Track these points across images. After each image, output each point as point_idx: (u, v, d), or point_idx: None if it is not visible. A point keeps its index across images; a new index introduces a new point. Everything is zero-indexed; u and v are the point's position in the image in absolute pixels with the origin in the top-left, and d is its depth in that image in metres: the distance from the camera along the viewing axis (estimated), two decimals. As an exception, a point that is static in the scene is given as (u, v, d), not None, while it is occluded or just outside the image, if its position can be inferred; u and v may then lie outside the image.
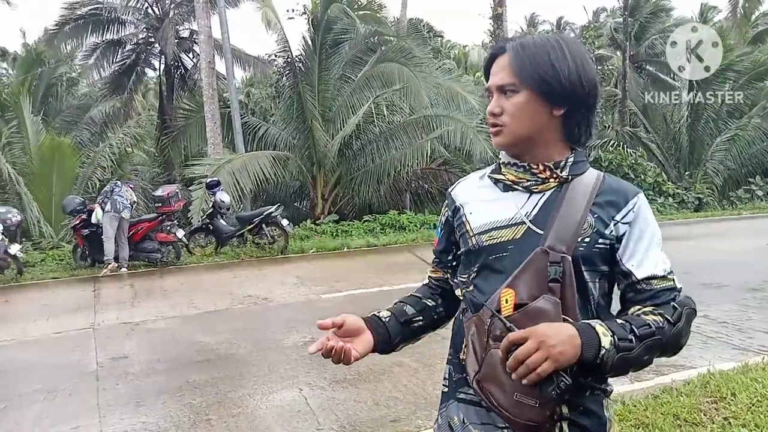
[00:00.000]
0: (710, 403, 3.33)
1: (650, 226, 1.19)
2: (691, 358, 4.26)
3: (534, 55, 1.17)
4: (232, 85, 13.12)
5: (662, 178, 15.22)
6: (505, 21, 13.98)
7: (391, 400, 3.75)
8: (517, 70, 1.17)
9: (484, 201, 1.26)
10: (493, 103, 1.21)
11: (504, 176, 1.24)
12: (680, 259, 9.12)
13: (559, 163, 1.20)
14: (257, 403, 3.83)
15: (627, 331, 1.09)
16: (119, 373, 4.53)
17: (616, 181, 1.23)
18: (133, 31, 18.10)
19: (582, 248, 1.15)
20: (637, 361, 1.09)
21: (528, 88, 1.17)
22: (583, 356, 1.04)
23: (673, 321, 1.12)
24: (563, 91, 1.16)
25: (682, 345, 1.15)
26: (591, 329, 1.07)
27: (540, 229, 1.17)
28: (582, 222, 1.15)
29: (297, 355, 4.77)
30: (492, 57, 1.24)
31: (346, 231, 11.98)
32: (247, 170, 11.53)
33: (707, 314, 5.31)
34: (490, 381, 1.12)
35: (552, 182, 1.20)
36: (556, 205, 1.18)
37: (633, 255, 1.17)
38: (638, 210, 1.18)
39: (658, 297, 1.16)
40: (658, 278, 1.17)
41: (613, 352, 1.06)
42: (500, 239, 1.19)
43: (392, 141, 13.10)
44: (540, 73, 1.15)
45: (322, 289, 7.24)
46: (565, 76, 1.16)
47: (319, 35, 12.69)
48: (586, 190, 1.19)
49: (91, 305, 6.98)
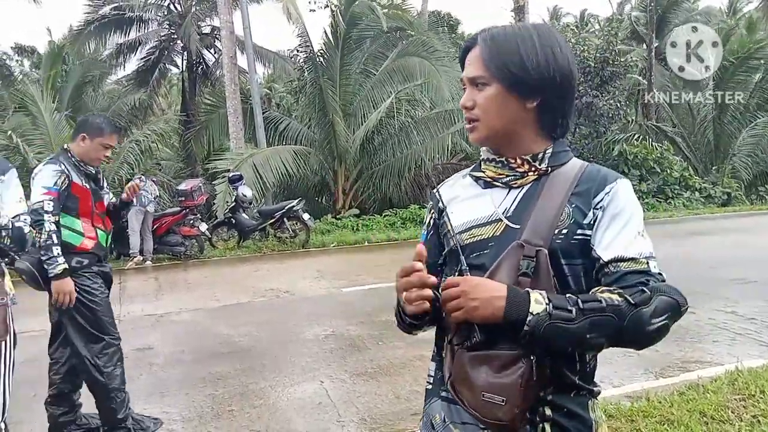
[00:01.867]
0: (738, 400, 3.26)
1: (626, 210, 1.13)
2: (719, 355, 4.18)
3: (502, 47, 1.15)
4: (254, 81, 13.20)
5: (689, 172, 14.93)
6: (527, 13, 13.84)
7: (412, 394, 3.75)
8: (486, 62, 1.15)
9: (465, 199, 1.24)
10: (465, 96, 1.19)
11: (484, 173, 1.23)
12: (707, 254, 8.92)
13: (537, 156, 1.19)
14: (279, 395, 3.86)
15: (569, 303, 1.04)
16: (144, 364, 4.60)
17: (597, 169, 1.19)
18: (156, 28, 18.33)
19: (559, 240, 1.12)
20: (579, 336, 1.03)
21: (497, 81, 1.15)
22: (505, 318, 1.04)
23: (635, 303, 1.03)
24: (533, 83, 1.14)
25: (648, 335, 1.05)
26: (524, 295, 1.05)
27: (517, 224, 1.15)
28: (559, 213, 1.13)
29: (318, 347, 4.80)
30: (466, 48, 1.22)
31: (367, 225, 12.00)
32: (269, 165, 11.61)
33: (735, 310, 5.21)
34: (460, 381, 1.12)
35: (531, 175, 1.18)
36: (534, 198, 1.16)
37: (602, 239, 1.12)
38: (614, 194, 1.13)
39: (625, 279, 1.08)
40: (626, 260, 1.09)
41: (544, 318, 1.02)
42: (480, 237, 1.18)
43: (413, 135, 13.06)
44: (508, 65, 1.14)
45: (343, 283, 7.27)
46: (534, 67, 1.14)
47: (343, 30, 12.68)
48: (565, 181, 1.16)
49: (117, 297, 7.10)
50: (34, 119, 12.58)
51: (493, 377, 1.07)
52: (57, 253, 2.97)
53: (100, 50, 18.12)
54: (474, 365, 1.09)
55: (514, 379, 1.05)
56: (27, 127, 12.46)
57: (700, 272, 6.38)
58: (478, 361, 1.09)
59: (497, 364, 1.07)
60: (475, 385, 1.08)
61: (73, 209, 3.12)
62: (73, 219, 3.13)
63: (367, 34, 13.37)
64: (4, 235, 2.14)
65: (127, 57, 18.23)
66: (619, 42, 14.83)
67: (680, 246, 2.17)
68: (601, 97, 14.01)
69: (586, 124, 14.46)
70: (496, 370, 1.07)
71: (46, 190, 2.98)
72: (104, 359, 3.21)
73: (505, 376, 1.06)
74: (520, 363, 1.06)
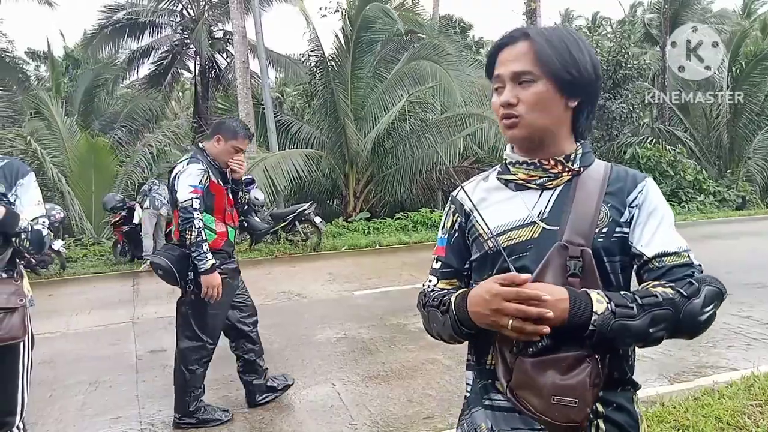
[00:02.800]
0: (755, 406, 3.22)
1: (659, 207, 1.17)
2: (734, 360, 4.14)
3: (556, 45, 1.16)
4: (266, 85, 13.29)
5: (702, 175, 14.80)
6: (539, 17, 13.81)
7: (424, 397, 3.75)
8: (540, 58, 1.15)
9: (495, 203, 1.24)
10: (507, 92, 1.17)
11: (515, 176, 1.23)
12: (722, 258, 8.83)
13: (569, 156, 1.20)
14: (291, 398, 3.87)
15: (628, 300, 1.06)
16: (158, 366, 4.64)
17: (624, 170, 1.22)
18: (169, 33, 18.51)
19: (601, 239, 1.14)
20: (642, 331, 1.05)
21: (548, 78, 1.15)
22: (570, 320, 1.04)
23: (687, 295, 1.07)
24: (581, 82, 1.17)
25: (701, 324, 1.09)
26: (584, 295, 1.06)
27: (554, 226, 1.16)
28: (597, 212, 1.15)
29: (330, 350, 4.81)
30: (501, 45, 1.21)
31: (378, 228, 12.01)
32: (281, 168, 11.67)
33: (751, 315, 5.15)
34: (523, 388, 1.10)
35: (565, 176, 1.20)
36: (568, 199, 1.17)
37: (642, 235, 1.15)
38: (646, 192, 1.17)
39: (672, 273, 1.12)
40: (670, 255, 1.13)
41: (609, 317, 1.04)
42: (518, 239, 1.18)
43: (424, 139, 13.06)
44: (563, 63, 1.15)
45: (355, 286, 7.28)
46: (583, 67, 1.16)
47: (354, 34, 12.73)
48: (596, 181, 1.18)
49: (131, 299, 7.17)
50: (49, 124, 12.76)
51: (561, 380, 1.06)
52: (206, 249, 3.13)
53: (114, 55, 18.33)
54: (539, 370, 1.07)
55: (582, 379, 1.05)
56: (42, 132, 12.64)
57: (715, 276, 6.30)
58: (543, 365, 1.07)
59: (563, 366, 1.06)
60: (544, 390, 1.06)
61: (210, 207, 3.25)
62: (209, 216, 3.26)
63: (379, 38, 13.40)
64: (23, 237, 2.17)
65: (140, 61, 18.43)
66: (631, 44, 14.74)
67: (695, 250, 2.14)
68: (613, 100, 13.93)
69: (598, 127, 14.38)
70: (563, 372, 1.06)
71: (193, 188, 3.13)
72: (194, 358, 3.37)
73: (572, 377, 1.06)
74: (585, 363, 1.06)
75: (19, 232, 2.15)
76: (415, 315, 5.49)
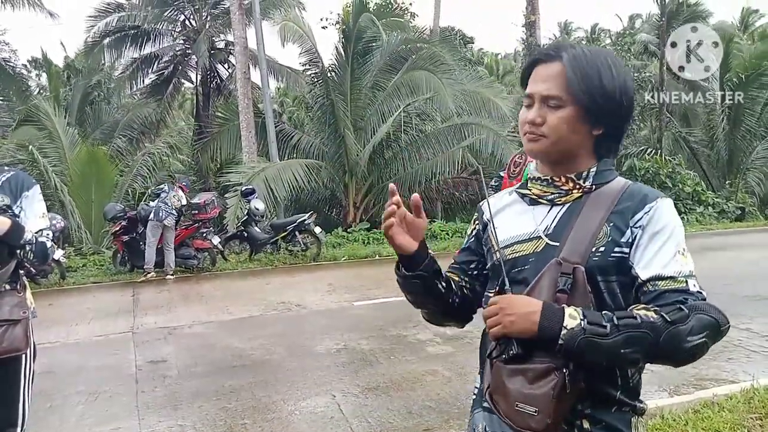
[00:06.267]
0: (755, 419, 3.23)
1: (666, 229, 1.14)
2: (734, 373, 4.15)
3: (587, 73, 1.16)
4: (267, 95, 13.35)
5: (701, 187, 14.83)
6: (539, 29, 13.92)
7: (424, 409, 3.75)
8: (570, 84, 1.16)
9: (510, 215, 1.29)
10: (534, 112, 1.20)
11: (530, 191, 1.27)
12: (721, 270, 8.82)
13: (581, 174, 1.22)
14: (291, 409, 3.87)
15: (604, 319, 1.07)
16: (157, 377, 4.63)
17: (639, 188, 1.21)
18: (171, 43, 18.61)
19: (596, 258, 1.14)
20: (613, 351, 1.05)
21: (575, 105, 1.17)
22: (540, 332, 1.08)
23: (671, 320, 1.05)
24: (606, 111, 1.18)
25: (685, 351, 1.06)
26: (558, 309, 1.09)
27: (555, 241, 1.18)
28: (597, 232, 1.16)
29: (330, 361, 4.81)
30: (536, 61, 1.23)
31: (378, 239, 12.00)
32: (281, 178, 11.69)
33: (750, 328, 5.16)
34: (496, 391, 1.16)
35: (575, 193, 1.22)
36: (574, 216, 1.19)
37: (642, 257, 1.14)
38: (654, 213, 1.15)
39: (664, 298, 1.10)
40: (665, 279, 1.11)
41: (578, 333, 1.05)
42: (522, 253, 1.22)
43: (424, 149, 13.11)
44: (591, 92, 1.16)
45: (355, 296, 7.28)
46: (613, 97, 1.17)
47: (351, 44, 12.82)
48: (607, 199, 1.19)
49: (131, 309, 7.16)
50: (50, 134, 12.80)
51: (527, 388, 1.10)
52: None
53: (114, 63, 18.41)
54: (510, 376, 1.12)
55: (546, 390, 1.08)
56: (42, 141, 12.68)
57: (715, 289, 6.30)
58: (515, 372, 1.12)
59: (531, 375, 1.10)
60: (510, 395, 1.12)
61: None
62: None
63: (376, 47, 13.49)
64: (28, 249, 2.19)
65: (141, 71, 18.48)
66: (632, 57, 14.81)
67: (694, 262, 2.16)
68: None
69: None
70: (530, 382, 1.10)
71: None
72: None
73: (537, 387, 1.09)
74: (552, 375, 1.08)
75: (24, 245, 2.17)
76: (415, 326, 5.50)
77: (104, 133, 16.18)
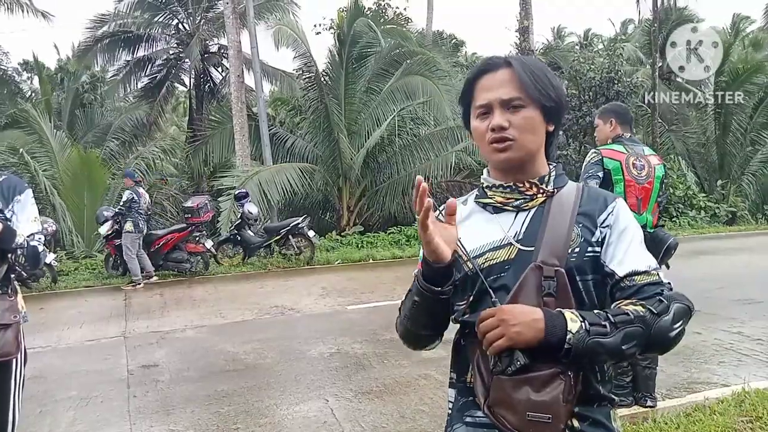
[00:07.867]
0: (745, 422, 3.25)
1: (630, 227, 1.21)
2: (725, 376, 4.17)
3: (537, 74, 1.22)
4: (261, 99, 13.33)
5: (692, 191, 14.92)
6: (532, 34, 13.95)
7: (417, 413, 3.74)
8: (525, 85, 1.20)
9: (476, 225, 1.27)
10: (499, 116, 1.20)
11: (492, 199, 1.27)
12: (712, 273, 8.86)
13: (543, 178, 1.25)
14: (284, 413, 3.86)
15: (601, 318, 1.11)
16: (149, 381, 4.61)
17: (595, 190, 1.28)
18: (164, 46, 18.57)
19: (573, 259, 1.17)
20: (615, 348, 1.09)
21: (534, 104, 1.21)
22: (546, 339, 1.08)
23: (657, 312, 1.12)
24: (557, 108, 1.24)
25: (671, 340, 1.14)
26: (559, 315, 1.10)
27: (529, 246, 1.19)
28: (570, 233, 1.19)
29: (323, 365, 4.80)
30: (481, 72, 1.24)
31: (371, 242, 12.01)
32: (274, 182, 11.67)
33: (741, 331, 5.19)
34: (500, 405, 1.13)
35: (539, 198, 1.24)
36: (542, 220, 1.21)
37: (614, 255, 1.19)
38: (617, 212, 1.21)
39: (643, 291, 1.16)
40: (640, 273, 1.17)
41: (584, 335, 1.08)
42: (496, 260, 1.22)
43: (417, 153, 13.12)
44: (546, 92, 1.21)
45: (348, 300, 7.27)
46: (560, 94, 1.24)
47: (345, 49, 12.83)
48: (569, 202, 1.23)
49: (122, 314, 7.12)
50: (39, 138, 12.73)
51: (536, 396, 1.09)
52: None
53: (106, 66, 18.35)
54: (516, 388, 1.11)
55: (555, 395, 1.09)
56: (33, 146, 12.61)
57: (706, 292, 6.36)
58: (520, 383, 1.11)
59: (538, 383, 1.10)
60: (519, 406, 1.10)
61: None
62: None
63: (370, 52, 13.50)
64: (19, 253, 2.18)
65: (134, 74, 18.43)
66: (624, 62, 14.89)
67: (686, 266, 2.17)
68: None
69: (591, 144, 14.51)
70: (538, 389, 1.09)
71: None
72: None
73: (545, 394, 1.09)
74: (558, 380, 1.09)
75: (16, 248, 2.16)
76: (409, 330, 5.49)
77: (96, 136, 16.09)
